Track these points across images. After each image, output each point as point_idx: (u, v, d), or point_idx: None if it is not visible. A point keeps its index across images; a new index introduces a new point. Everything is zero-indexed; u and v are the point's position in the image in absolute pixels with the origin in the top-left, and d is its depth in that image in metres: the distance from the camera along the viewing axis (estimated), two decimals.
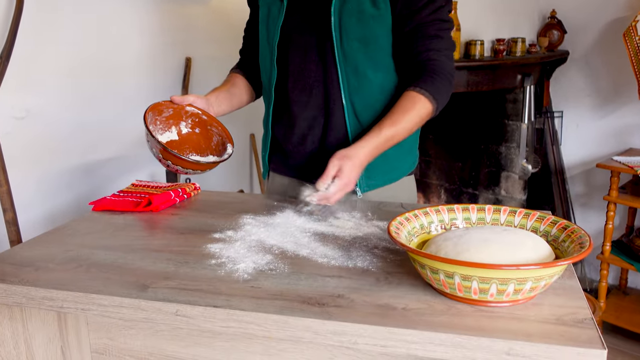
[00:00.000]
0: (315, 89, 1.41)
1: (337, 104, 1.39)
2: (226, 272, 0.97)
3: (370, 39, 1.34)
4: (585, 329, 0.78)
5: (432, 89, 1.31)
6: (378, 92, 1.39)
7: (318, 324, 0.82)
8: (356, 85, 1.37)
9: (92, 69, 2.26)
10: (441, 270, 0.82)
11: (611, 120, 2.95)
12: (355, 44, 1.34)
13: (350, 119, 1.40)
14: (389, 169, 1.47)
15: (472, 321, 0.80)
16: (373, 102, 1.40)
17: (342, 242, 1.11)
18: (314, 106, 1.42)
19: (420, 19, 1.32)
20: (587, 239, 0.86)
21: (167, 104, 1.37)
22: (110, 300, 0.90)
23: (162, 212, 1.33)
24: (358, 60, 1.35)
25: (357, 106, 1.39)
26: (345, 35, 1.34)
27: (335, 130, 1.42)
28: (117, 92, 2.40)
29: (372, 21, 1.33)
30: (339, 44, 1.34)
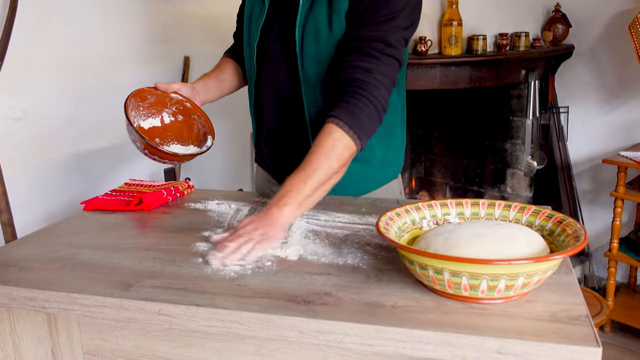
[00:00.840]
0: (283, 98, 1.37)
1: (300, 116, 1.33)
2: (212, 271, 0.95)
3: (325, 61, 1.25)
4: (580, 326, 0.75)
5: (355, 124, 1.13)
6: None
7: (303, 322, 0.79)
8: (317, 105, 1.30)
9: (89, 69, 2.25)
10: (430, 266, 0.79)
11: (618, 115, 2.90)
12: (312, 65, 1.27)
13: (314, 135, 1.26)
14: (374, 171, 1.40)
15: (462, 319, 0.78)
16: None
17: (334, 239, 1.08)
18: (281, 113, 1.39)
19: (361, 33, 1.18)
20: (583, 233, 0.83)
21: (151, 91, 1.36)
22: (93, 300, 0.88)
23: (154, 210, 1.31)
24: (316, 81, 1.28)
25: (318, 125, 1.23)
26: (306, 56, 1.27)
27: (303, 141, 1.34)
28: (114, 92, 2.39)
29: (328, 42, 1.24)
30: (301, 62, 1.28)
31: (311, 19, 1.25)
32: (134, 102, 1.31)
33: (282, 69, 1.35)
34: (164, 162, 1.29)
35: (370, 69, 1.16)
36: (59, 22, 2.09)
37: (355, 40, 1.19)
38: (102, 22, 2.30)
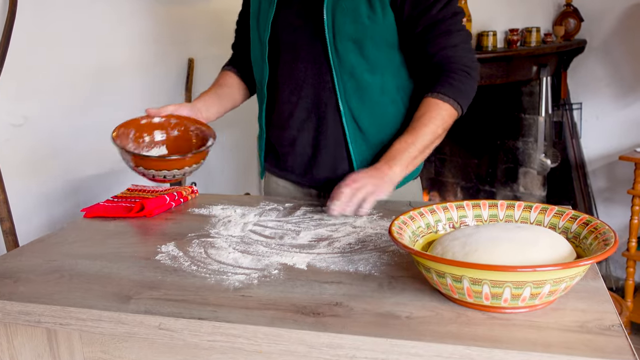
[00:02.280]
0: (305, 90, 1.33)
1: (331, 107, 1.31)
2: (216, 281, 0.90)
3: (366, 39, 1.25)
4: (613, 337, 0.69)
5: (452, 91, 1.24)
6: (378, 94, 1.31)
7: (312, 336, 0.74)
8: (354, 89, 1.29)
9: (91, 72, 2.21)
10: (448, 273, 0.74)
11: (633, 110, 2.83)
12: (349, 45, 1.26)
13: (348, 124, 1.31)
14: None
15: (484, 330, 0.72)
16: (372, 105, 1.31)
17: (344, 245, 1.03)
18: (303, 108, 1.34)
19: (430, 18, 1.24)
20: (612, 235, 0.77)
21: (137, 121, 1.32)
22: (89, 314, 0.83)
23: (156, 217, 1.26)
24: (353, 62, 1.27)
25: (355, 111, 1.30)
26: (339, 35, 1.25)
27: (329, 134, 1.33)
28: (117, 96, 2.35)
29: (367, 21, 1.24)
30: (332, 44, 1.26)
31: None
32: (133, 133, 1.29)
33: (303, 57, 1.31)
34: (166, 177, 1.24)
35: (456, 44, 1.25)
36: (60, 25, 2.05)
37: (433, 24, 1.24)
38: (104, 25, 2.27)
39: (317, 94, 1.32)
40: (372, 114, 1.32)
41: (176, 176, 1.23)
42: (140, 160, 1.21)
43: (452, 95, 1.24)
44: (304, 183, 1.43)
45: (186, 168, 1.24)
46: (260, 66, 1.38)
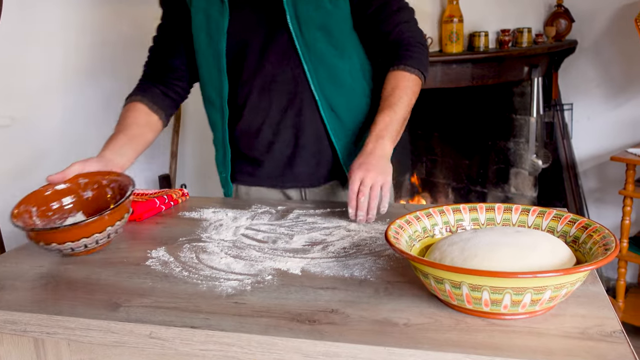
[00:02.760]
0: (276, 89, 1.30)
1: (307, 100, 1.30)
2: (208, 287, 0.88)
3: (332, 25, 1.27)
4: (615, 343, 0.68)
5: (415, 63, 1.29)
6: (349, 79, 1.32)
7: (308, 344, 0.72)
8: (326, 77, 1.29)
9: (79, 73, 2.18)
10: (447, 279, 0.72)
11: (624, 110, 2.83)
12: (317, 33, 1.26)
13: (327, 114, 1.31)
14: None
15: (484, 337, 0.70)
16: (346, 91, 1.32)
17: (338, 249, 1.01)
18: (277, 108, 1.32)
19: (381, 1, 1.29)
20: (612, 239, 0.76)
21: (46, 189, 1.12)
22: (77, 323, 0.81)
23: (146, 221, 1.23)
24: (323, 50, 1.27)
25: (331, 99, 1.31)
26: (305, 26, 1.25)
27: (309, 129, 1.33)
28: (104, 96, 2.31)
29: (330, 6, 1.25)
30: (299, 35, 1.25)
31: None
32: (24, 208, 1.08)
33: (270, 57, 1.28)
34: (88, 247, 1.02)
35: (408, 19, 1.32)
36: (47, 28, 2.02)
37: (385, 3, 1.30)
38: (89, 27, 2.23)
39: (291, 90, 1.30)
40: (346, 99, 1.33)
41: (100, 242, 1.02)
42: (49, 235, 0.97)
43: (417, 66, 1.28)
44: (280, 185, 1.41)
45: (109, 229, 1.02)
46: (217, 82, 1.33)
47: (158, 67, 1.40)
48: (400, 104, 1.23)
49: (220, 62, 1.30)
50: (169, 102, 1.40)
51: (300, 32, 1.25)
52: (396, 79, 1.26)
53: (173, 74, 1.40)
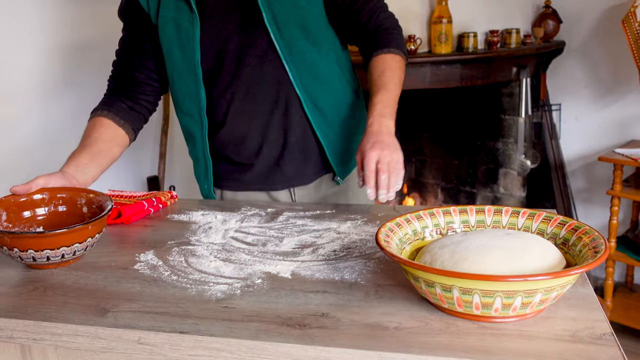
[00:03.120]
0: (259, 93, 1.30)
1: (292, 99, 1.31)
2: (197, 291, 0.87)
3: (309, 22, 1.28)
4: (605, 346, 0.68)
5: (398, 45, 1.33)
6: (327, 73, 1.34)
7: (299, 349, 0.71)
8: (307, 74, 1.30)
9: (59, 75, 2.16)
10: (437, 283, 0.72)
11: (611, 111, 2.85)
12: (295, 32, 1.26)
13: (311, 111, 1.32)
14: (349, 142, 1.41)
15: (475, 341, 0.70)
16: (325, 85, 1.34)
17: (328, 252, 1.00)
18: (263, 112, 1.32)
19: None
20: (602, 242, 0.76)
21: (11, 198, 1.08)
22: (65, 329, 0.80)
23: (134, 224, 1.22)
24: (302, 48, 1.28)
25: (314, 95, 1.32)
26: (284, 25, 1.25)
27: (296, 128, 1.34)
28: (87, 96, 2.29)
29: (304, 2, 1.26)
30: (278, 35, 1.25)
31: None
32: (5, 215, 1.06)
33: (250, 61, 1.28)
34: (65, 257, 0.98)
35: (380, 6, 1.35)
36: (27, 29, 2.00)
37: None
38: (71, 27, 2.21)
39: (274, 92, 1.30)
40: (328, 94, 1.34)
41: (77, 253, 0.99)
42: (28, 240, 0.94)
43: (400, 48, 1.33)
44: (269, 187, 1.40)
45: (89, 240, 0.99)
46: (194, 93, 1.31)
47: (123, 81, 1.37)
48: (393, 84, 1.25)
49: (196, 74, 1.28)
50: (135, 116, 1.37)
51: (279, 33, 1.25)
52: (383, 62, 1.29)
53: (139, 88, 1.37)
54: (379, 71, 1.28)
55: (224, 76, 1.30)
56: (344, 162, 1.41)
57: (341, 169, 1.40)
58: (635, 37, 2.46)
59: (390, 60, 1.29)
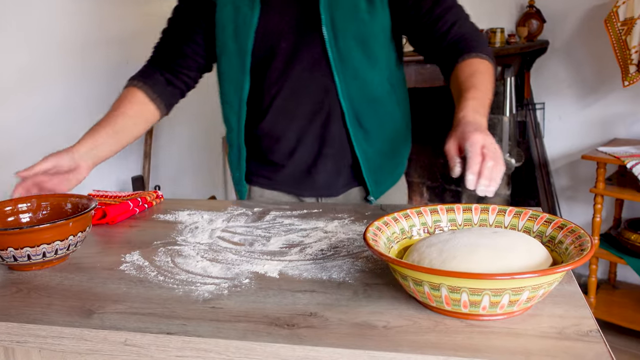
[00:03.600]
0: (303, 96, 1.26)
1: (335, 111, 1.26)
2: (184, 292, 0.86)
3: (368, 36, 1.21)
4: (592, 343, 0.68)
5: (485, 51, 1.19)
6: (379, 90, 1.28)
7: (287, 349, 0.71)
8: (357, 89, 1.24)
9: (43, 75, 2.13)
10: (426, 281, 0.72)
11: (594, 110, 2.88)
12: (352, 44, 1.21)
13: (353, 125, 1.26)
14: (392, 165, 1.38)
15: (463, 339, 0.70)
16: (375, 103, 1.28)
17: (316, 251, 1.00)
18: (302, 116, 1.28)
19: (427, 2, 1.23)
20: (588, 240, 0.77)
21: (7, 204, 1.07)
22: (49, 331, 0.79)
23: (119, 224, 1.21)
24: (356, 62, 1.22)
25: (359, 111, 1.26)
26: (340, 34, 1.20)
27: (333, 140, 1.29)
28: (68, 98, 2.27)
29: (367, 16, 1.20)
30: (333, 44, 1.20)
31: None
32: None
33: (299, 63, 1.24)
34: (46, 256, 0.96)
35: (463, 16, 1.25)
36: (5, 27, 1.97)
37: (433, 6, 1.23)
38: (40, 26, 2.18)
39: (318, 99, 1.26)
40: (375, 112, 1.29)
41: (60, 252, 0.97)
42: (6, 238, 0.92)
43: (489, 54, 1.20)
44: (298, 193, 1.38)
45: (70, 238, 0.97)
46: (238, 79, 1.27)
47: (168, 52, 1.34)
48: (484, 86, 1.11)
49: (244, 61, 1.24)
50: (171, 90, 1.33)
51: (334, 41, 1.20)
52: (471, 65, 1.16)
53: (183, 61, 1.33)
54: (468, 73, 1.15)
55: (272, 71, 1.26)
56: (380, 181, 1.36)
57: (375, 188, 1.35)
58: (618, 37, 2.48)
59: (478, 64, 1.17)
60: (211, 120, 3.23)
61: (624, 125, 2.82)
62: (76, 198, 1.09)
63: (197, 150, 3.14)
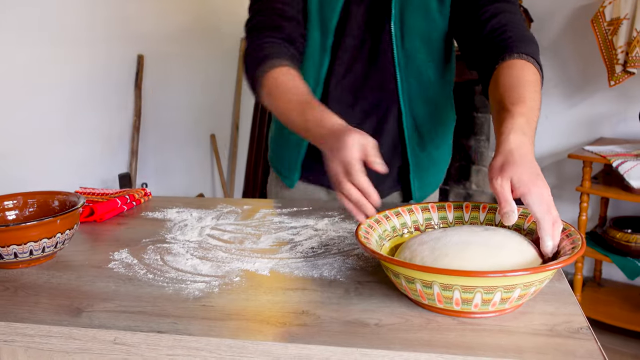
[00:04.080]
0: (363, 91, 1.22)
1: (392, 111, 1.22)
2: (174, 290, 0.85)
3: (434, 35, 1.18)
4: (582, 340, 0.69)
5: (531, 52, 1.02)
6: (439, 93, 1.24)
7: (279, 347, 0.71)
8: (418, 90, 1.21)
9: (30, 68, 2.11)
10: (418, 279, 0.72)
11: (581, 109, 2.91)
12: (418, 43, 1.17)
13: (409, 127, 1.23)
14: (437, 170, 1.34)
15: (455, 337, 0.70)
16: (434, 104, 1.25)
17: (307, 249, 1.00)
18: (360, 110, 1.23)
19: None
20: (579, 237, 0.77)
21: None
22: (37, 330, 0.77)
23: (107, 222, 1.20)
24: (421, 63, 1.19)
25: (417, 113, 1.23)
26: (408, 33, 1.16)
27: (387, 139, 1.25)
28: (59, 93, 2.25)
29: (438, 16, 1.16)
30: (400, 42, 1.16)
31: None
32: None
33: (364, 55, 1.19)
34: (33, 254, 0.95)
35: (515, 12, 1.11)
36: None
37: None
38: (47, 20, 2.16)
39: (377, 97, 1.22)
40: (432, 114, 1.25)
41: (47, 250, 0.96)
42: None
43: (536, 57, 1.02)
44: None
45: (58, 235, 0.97)
46: (319, 56, 1.19)
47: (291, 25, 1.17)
48: (533, 100, 0.93)
49: (325, 38, 1.17)
50: (298, 63, 1.18)
51: (401, 40, 1.17)
52: (515, 70, 0.98)
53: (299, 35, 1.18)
54: (511, 80, 0.97)
55: (338, 60, 1.19)
56: (424, 187, 1.33)
57: (420, 194, 1.32)
58: (604, 37, 2.51)
59: (524, 69, 0.99)
60: (199, 117, 3.22)
61: (610, 124, 2.85)
62: (64, 195, 1.08)
63: (184, 148, 3.13)
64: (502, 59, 1.01)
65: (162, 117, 2.91)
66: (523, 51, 1.01)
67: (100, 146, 2.49)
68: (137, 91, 2.67)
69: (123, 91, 2.61)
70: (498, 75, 1.00)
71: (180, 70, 2.90)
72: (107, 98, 2.48)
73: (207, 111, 3.26)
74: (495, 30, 1.08)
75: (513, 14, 1.10)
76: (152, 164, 2.87)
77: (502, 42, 1.05)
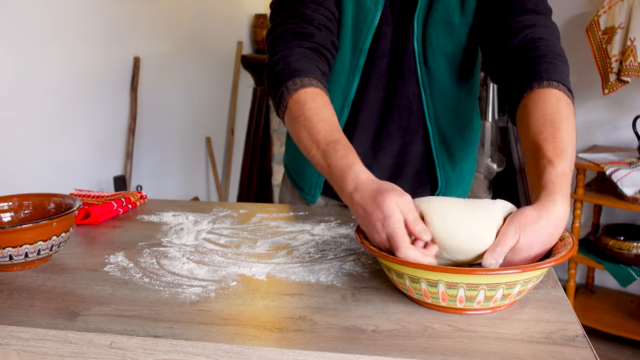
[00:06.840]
0: (387, 112, 1.19)
1: (418, 131, 1.20)
2: (171, 294, 0.85)
3: (458, 52, 1.14)
4: (578, 348, 0.69)
5: (562, 77, 0.93)
6: (466, 109, 1.22)
7: (276, 353, 0.71)
8: (443, 107, 1.18)
9: (22, 71, 2.10)
10: (423, 279, 0.74)
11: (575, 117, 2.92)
12: (442, 60, 1.14)
13: (437, 146, 1.20)
14: (465, 186, 1.32)
15: (451, 344, 0.71)
16: (461, 120, 1.22)
17: (303, 254, 1.00)
18: (384, 133, 1.20)
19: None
20: (568, 235, 0.81)
21: None
22: (32, 333, 0.77)
23: (102, 224, 1.19)
24: (445, 80, 1.16)
25: (445, 130, 1.20)
26: (430, 49, 1.13)
27: (414, 159, 1.22)
28: (53, 95, 2.24)
29: (461, 31, 1.12)
30: (422, 59, 1.14)
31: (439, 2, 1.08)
32: None
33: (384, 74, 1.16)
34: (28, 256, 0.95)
35: (547, 25, 1.04)
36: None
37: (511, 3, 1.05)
38: (42, 23, 2.15)
39: (402, 117, 1.19)
40: (461, 130, 1.22)
41: (42, 253, 0.96)
42: None
43: (566, 82, 0.94)
44: None
45: (54, 238, 0.96)
46: (347, 74, 1.16)
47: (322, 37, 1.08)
48: (571, 145, 0.86)
49: (357, 58, 1.14)
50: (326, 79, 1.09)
51: (424, 57, 1.14)
52: (548, 101, 0.90)
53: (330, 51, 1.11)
54: (548, 117, 0.88)
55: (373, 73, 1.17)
56: None
57: None
58: (599, 45, 2.52)
59: (559, 101, 0.90)
60: (195, 121, 3.22)
61: (603, 132, 2.86)
62: (59, 197, 1.08)
63: (179, 151, 3.12)
64: (531, 87, 0.93)
65: (158, 120, 2.91)
66: (554, 78, 0.92)
67: (95, 148, 2.48)
68: (132, 93, 2.67)
69: (119, 93, 2.60)
70: (530, 107, 0.91)
71: (176, 72, 2.90)
72: (102, 100, 2.47)
73: (202, 114, 3.26)
74: (522, 48, 1.00)
75: (544, 28, 1.03)
76: (147, 166, 2.86)
77: (531, 63, 0.97)
